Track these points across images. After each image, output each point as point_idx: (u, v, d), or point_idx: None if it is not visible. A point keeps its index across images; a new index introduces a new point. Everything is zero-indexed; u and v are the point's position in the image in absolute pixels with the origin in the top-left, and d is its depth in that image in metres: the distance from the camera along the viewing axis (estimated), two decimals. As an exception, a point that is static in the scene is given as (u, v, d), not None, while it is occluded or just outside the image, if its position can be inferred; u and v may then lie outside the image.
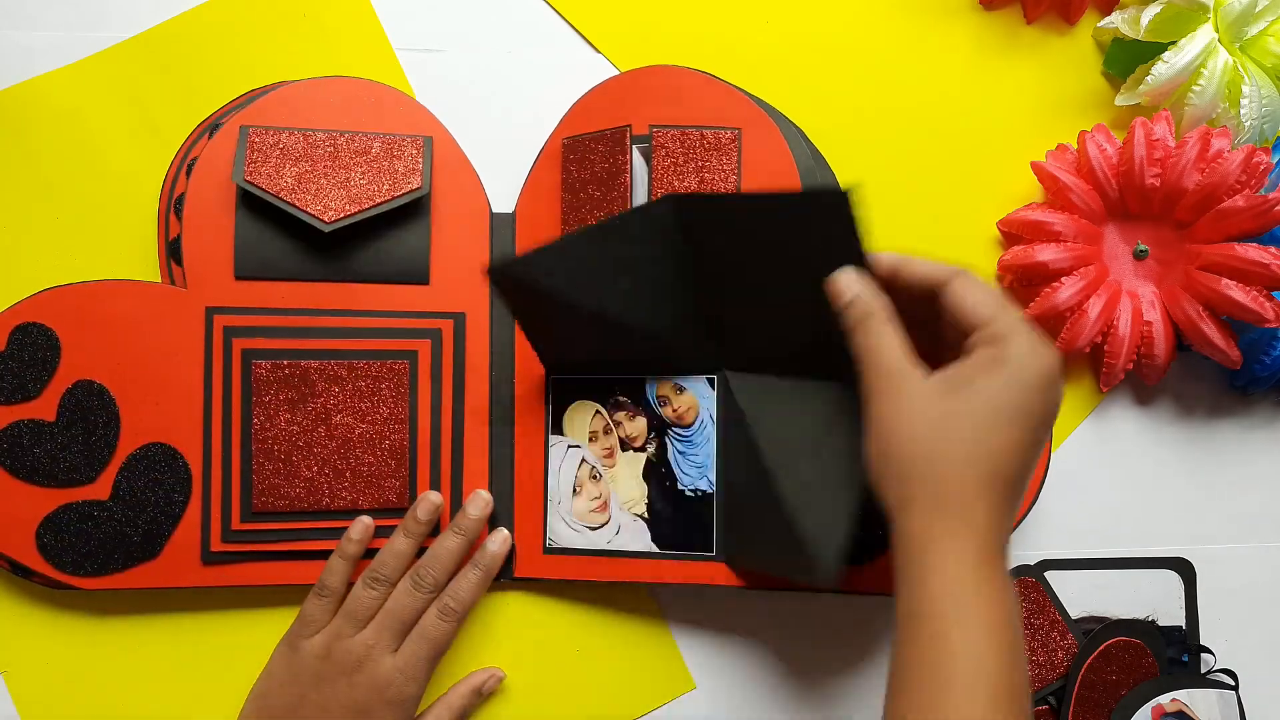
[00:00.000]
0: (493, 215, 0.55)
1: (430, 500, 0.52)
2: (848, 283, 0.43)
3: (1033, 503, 0.58)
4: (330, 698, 0.48)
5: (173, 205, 0.52)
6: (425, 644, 0.50)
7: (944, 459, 0.39)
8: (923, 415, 0.39)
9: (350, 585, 0.51)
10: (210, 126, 0.54)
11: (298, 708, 0.48)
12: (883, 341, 0.41)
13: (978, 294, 0.41)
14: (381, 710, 0.48)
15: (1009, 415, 0.39)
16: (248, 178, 0.50)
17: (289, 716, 0.48)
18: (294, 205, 0.50)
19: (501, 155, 0.56)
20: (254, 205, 0.51)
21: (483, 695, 0.54)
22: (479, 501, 0.52)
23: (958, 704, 0.36)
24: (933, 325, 0.43)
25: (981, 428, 0.38)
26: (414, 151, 0.52)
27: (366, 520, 0.51)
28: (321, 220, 0.50)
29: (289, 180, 0.50)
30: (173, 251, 0.52)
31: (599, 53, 0.60)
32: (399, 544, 0.51)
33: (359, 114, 0.54)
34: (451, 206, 0.54)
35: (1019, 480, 0.39)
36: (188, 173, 0.52)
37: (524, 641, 0.55)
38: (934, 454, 0.39)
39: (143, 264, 0.54)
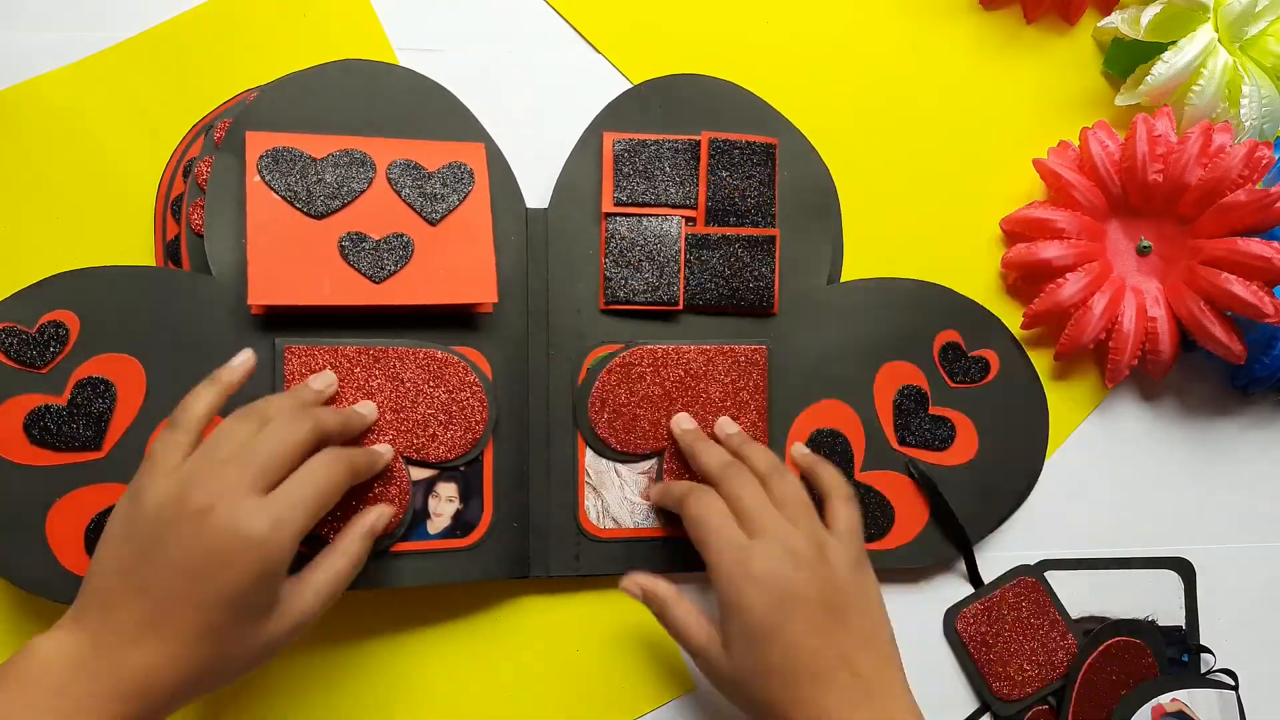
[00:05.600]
0: (528, 211, 0.54)
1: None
2: (632, 582, 0.48)
3: (1029, 491, 0.58)
4: (175, 543, 0.37)
5: (169, 206, 0.51)
6: (299, 484, 0.40)
7: (752, 705, 0.44)
8: (729, 682, 0.44)
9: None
10: (205, 127, 0.52)
11: (139, 567, 0.37)
12: (683, 623, 0.46)
13: (688, 525, 0.46)
14: (236, 557, 0.37)
15: (749, 641, 0.43)
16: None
17: (134, 574, 0.37)
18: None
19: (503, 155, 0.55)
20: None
21: (376, 534, 0.45)
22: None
23: None
24: None
25: (750, 668, 0.43)
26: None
27: (250, 352, 0.45)
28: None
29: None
30: (170, 253, 0.51)
31: (599, 53, 0.59)
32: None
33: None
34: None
35: (816, 662, 0.42)
36: (185, 174, 0.51)
37: (524, 641, 0.54)
38: (753, 705, 0.44)
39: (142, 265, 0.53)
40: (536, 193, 0.55)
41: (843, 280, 0.57)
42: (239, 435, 0.40)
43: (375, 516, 0.45)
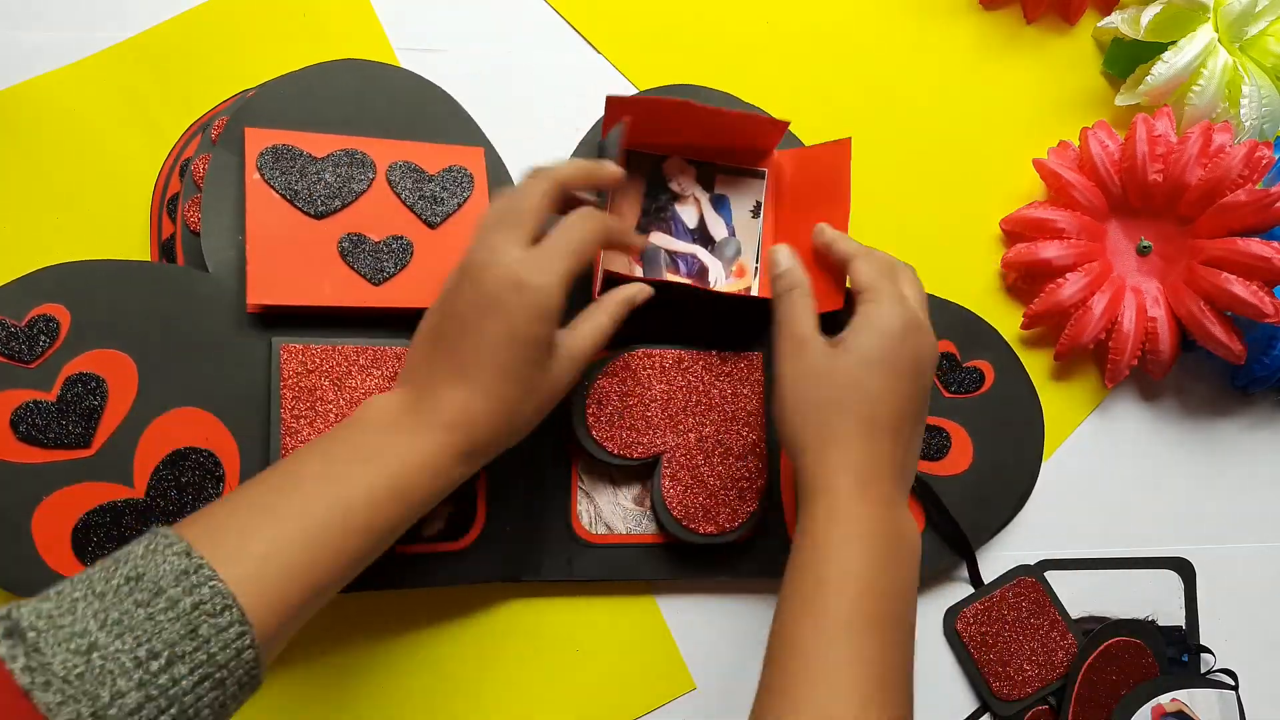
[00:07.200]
0: None
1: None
2: (782, 257, 0.49)
3: (1023, 503, 0.57)
4: (462, 301, 0.42)
5: (165, 205, 0.50)
6: (559, 236, 0.43)
7: (827, 407, 0.44)
8: (814, 372, 0.44)
9: None
10: (202, 126, 0.51)
11: (445, 333, 0.43)
12: (796, 311, 0.46)
13: (864, 267, 0.46)
14: (510, 297, 0.41)
15: (873, 367, 0.43)
16: None
17: (442, 339, 0.43)
18: None
19: (502, 155, 0.54)
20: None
21: (634, 305, 0.48)
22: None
23: (826, 597, 0.40)
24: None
25: (854, 378, 0.43)
26: None
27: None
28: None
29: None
30: (165, 252, 0.50)
31: (599, 53, 0.58)
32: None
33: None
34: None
35: (896, 420, 0.44)
36: (181, 173, 0.50)
37: (524, 642, 0.53)
38: (820, 403, 0.44)
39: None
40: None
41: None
42: (497, 208, 0.44)
43: (636, 290, 0.48)
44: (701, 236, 0.54)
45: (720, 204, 0.54)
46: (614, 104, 0.50)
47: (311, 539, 0.37)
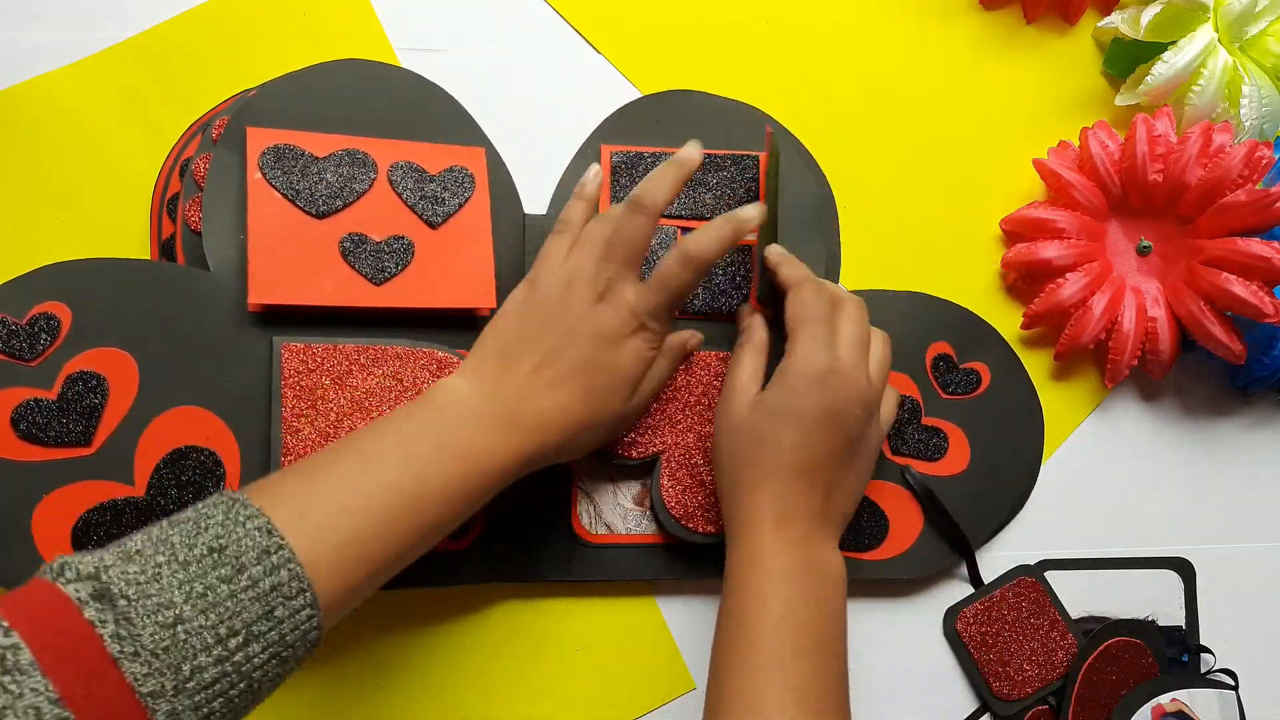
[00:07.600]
0: (525, 217, 0.53)
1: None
2: (747, 311, 0.52)
3: (1022, 503, 0.57)
4: (571, 315, 0.45)
5: (165, 205, 0.50)
6: (662, 291, 0.46)
7: (743, 458, 0.46)
8: (734, 425, 0.46)
9: None
10: (202, 126, 0.51)
11: (539, 335, 0.44)
12: (738, 364, 0.49)
13: (795, 302, 0.47)
14: (628, 338, 0.45)
15: (783, 419, 0.45)
16: None
17: (533, 340, 0.44)
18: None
19: (502, 155, 0.54)
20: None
21: (688, 350, 0.52)
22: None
23: (748, 631, 0.42)
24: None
25: (764, 431, 0.45)
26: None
27: (596, 167, 0.50)
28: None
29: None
30: (166, 252, 0.49)
31: (598, 53, 0.58)
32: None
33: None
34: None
35: (810, 467, 0.45)
36: (181, 173, 0.50)
37: (524, 641, 0.53)
38: (738, 455, 0.46)
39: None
40: (534, 195, 0.54)
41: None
42: (602, 235, 0.46)
43: (689, 336, 0.52)
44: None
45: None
46: None
47: (385, 529, 0.38)
